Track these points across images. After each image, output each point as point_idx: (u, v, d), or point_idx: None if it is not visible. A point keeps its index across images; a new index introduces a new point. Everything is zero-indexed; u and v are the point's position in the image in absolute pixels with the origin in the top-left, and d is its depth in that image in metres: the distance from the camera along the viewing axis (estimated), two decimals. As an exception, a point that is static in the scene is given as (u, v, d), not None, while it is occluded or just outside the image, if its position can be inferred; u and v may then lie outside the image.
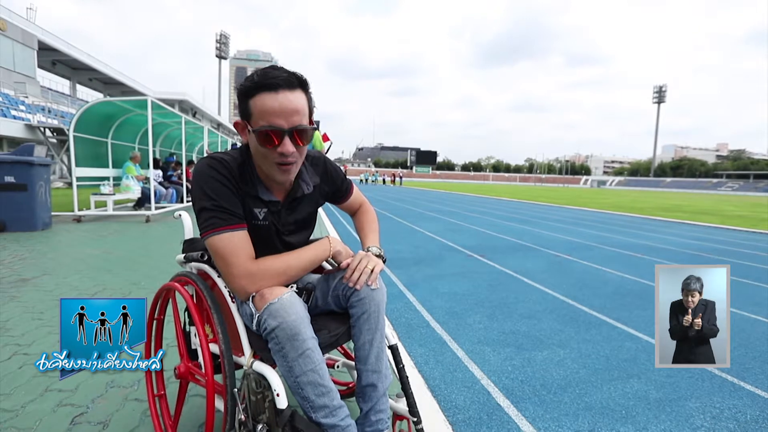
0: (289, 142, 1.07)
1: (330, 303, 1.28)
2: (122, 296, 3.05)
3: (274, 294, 1.06)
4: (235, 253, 1.09)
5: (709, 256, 5.95)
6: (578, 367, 2.22)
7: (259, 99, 1.06)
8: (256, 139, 1.07)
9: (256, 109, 1.06)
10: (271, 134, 1.06)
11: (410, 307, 3.15)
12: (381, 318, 1.23)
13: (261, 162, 1.14)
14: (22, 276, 3.52)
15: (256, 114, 1.07)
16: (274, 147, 1.07)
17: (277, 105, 1.04)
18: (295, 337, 1.02)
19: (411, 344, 2.45)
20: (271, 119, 1.05)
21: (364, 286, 1.20)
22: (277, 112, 1.05)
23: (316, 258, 1.21)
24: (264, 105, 1.05)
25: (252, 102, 1.07)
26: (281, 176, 1.13)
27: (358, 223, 1.50)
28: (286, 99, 1.05)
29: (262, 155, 1.11)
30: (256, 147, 1.10)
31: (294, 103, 1.07)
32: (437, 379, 2.04)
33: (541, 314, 3.08)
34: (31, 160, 5.80)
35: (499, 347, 2.45)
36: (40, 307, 2.74)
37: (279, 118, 1.05)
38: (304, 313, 1.07)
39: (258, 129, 1.06)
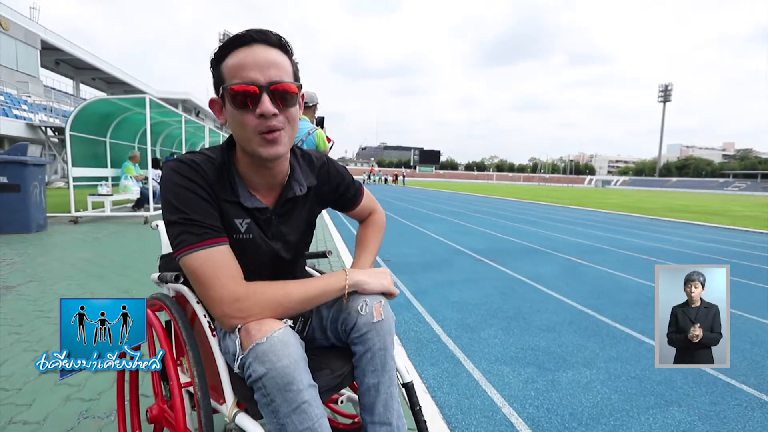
0: (268, 100, 0.87)
1: (329, 336, 1.07)
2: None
3: (263, 331, 0.83)
4: (215, 274, 0.87)
5: (727, 259, 5.69)
6: (609, 391, 1.99)
7: (231, 58, 0.89)
8: (231, 102, 0.88)
9: (228, 69, 0.89)
10: (247, 90, 0.87)
11: (419, 319, 2.93)
12: (389, 356, 1.01)
13: (241, 134, 0.92)
14: (7, 283, 3.32)
15: (229, 74, 0.89)
16: (252, 108, 0.87)
17: (250, 58, 0.88)
18: (287, 387, 0.80)
19: (422, 363, 2.23)
20: (244, 74, 0.87)
21: (367, 319, 0.99)
22: (250, 65, 0.87)
23: (326, 289, 0.97)
24: (236, 61, 0.88)
25: (223, 65, 0.90)
26: (266, 150, 0.90)
27: (360, 235, 1.26)
28: (261, 51, 0.88)
29: (240, 126, 0.90)
30: (233, 115, 0.90)
31: (270, 56, 0.89)
32: (452, 407, 1.81)
33: (560, 326, 2.85)
34: (24, 160, 5.61)
35: (519, 366, 2.23)
36: (20, 320, 2.53)
37: (253, 72, 0.87)
38: (300, 354, 0.85)
39: (229, 86, 0.87)
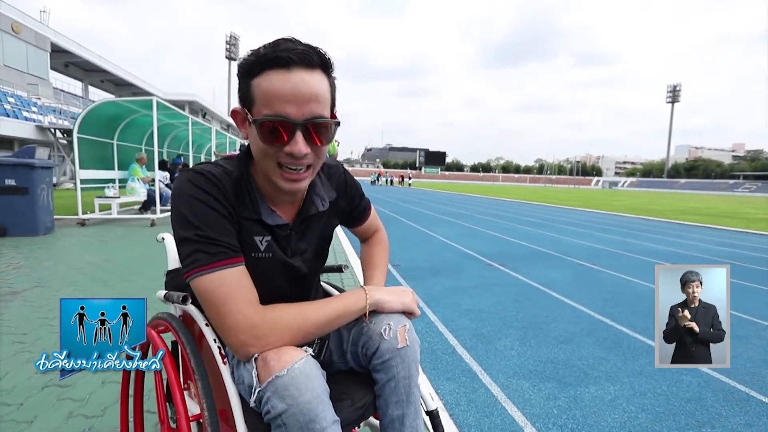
0: (301, 140, 0.79)
1: (349, 360, 0.99)
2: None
3: (282, 362, 0.76)
4: (230, 299, 0.79)
5: (746, 265, 5.53)
6: (636, 409, 1.89)
7: (264, 79, 0.77)
8: (258, 133, 0.79)
9: (260, 92, 0.78)
10: (278, 127, 0.78)
11: (432, 329, 2.83)
12: (413, 385, 0.93)
13: (262, 162, 0.85)
14: (13, 288, 3.28)
15: (260, 99, 0.79)
16: (281, 145, 0.79)
17: (288, 87, 0.76)
18: (310, 425, 0.72)
19: (437, 378, 2.14)
20: (278, 107, 0.77)
21: (391, 344, 0.91)
22: (288, 97, 0.77)
23: (346, 310, 0.90)
24: (271, 87, 0.77)
25: (255, 83, 0.79)
26: (288, 185, 0.85)
27: (367, 253, 1.19)
28: (301, 80, 0.76)
29: (263, 155, 0.83)
30: (258, 143, 0.81)
31: (311, 87, 0.78)
32: (472, 427, 1.72)
33: (578, 337, 2.75)
34: (32, 163, 5.60)
35: (539, 381, 2.13)
36: (23, 328, 2.48)
37: (290, 106, 0.77)
38: (323, 387, 0.77)
39: (260, 120, 0.78)
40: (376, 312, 0.95)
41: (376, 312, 0.95)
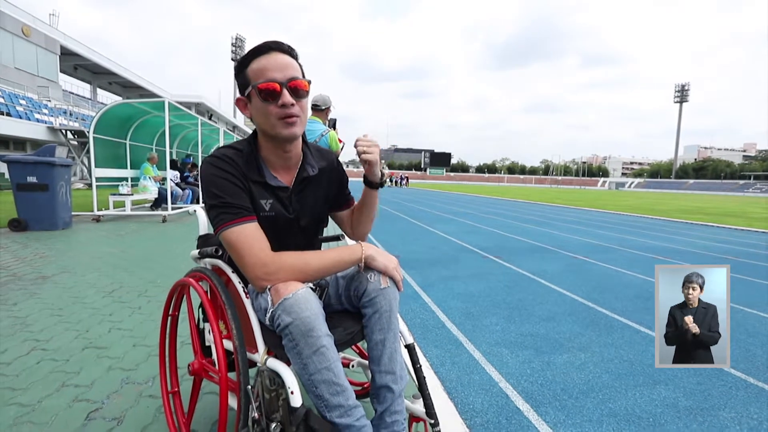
0: (287, 94, 1.11)
1: (343, 302, 1.26)
2: (138, 294, 3.08)
3: (289, 289, 1.03)
4: (247, 245, 1.08)
5: (738, 259, 5.74)
6: (600, 371, 2.14)
7: (254, 63, 1.12)
8: (258, 97, 1.11)
9: (253, 72, 1.12)
10: (270, 87, 1.10)
11: (425, 308, 3.10)
12: (393, 317, 1.19)
13: (265, 124, 1.14)
14: (42, 273, 3.58)
15: (254, 76, 1.12)
16: (275, 100, 1.10)
17: (272, 61, 1.11)
18: (309, 333, 0.99)
19: (426, 345, 2.40)
20: (267, 74, 1.10)
21: (375, 285, 1.17)
22: (272, 67, 1.11)
23: (340, 260, 1.16)
24: (260, 65, 1.11)
25: (249, 69, 1.13)
26: (287, 130, 1.14)
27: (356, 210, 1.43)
28: (279, 57, 1.13)
29: (265, 115, 1.13)
30: (259, 109, 1.13)
31: (287, 60, 1.14)
32: (453, 381, 1.98)
33: (560, 317, 2.99)
34: (52, 161, 5.93)
35: (518, 349, 2.38)
36: (59, 304, 2.78)
37: (275, 72, 1.10)
38: (319, 309, 1.04)
39: (258, 83, 1.10)
40: (366, 267, 1.22)
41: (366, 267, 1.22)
